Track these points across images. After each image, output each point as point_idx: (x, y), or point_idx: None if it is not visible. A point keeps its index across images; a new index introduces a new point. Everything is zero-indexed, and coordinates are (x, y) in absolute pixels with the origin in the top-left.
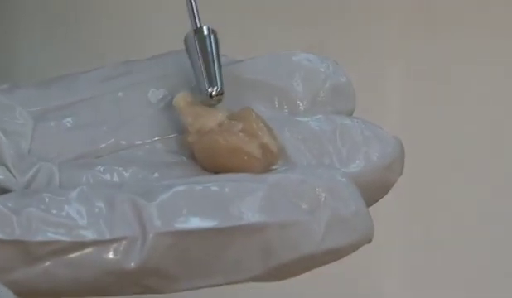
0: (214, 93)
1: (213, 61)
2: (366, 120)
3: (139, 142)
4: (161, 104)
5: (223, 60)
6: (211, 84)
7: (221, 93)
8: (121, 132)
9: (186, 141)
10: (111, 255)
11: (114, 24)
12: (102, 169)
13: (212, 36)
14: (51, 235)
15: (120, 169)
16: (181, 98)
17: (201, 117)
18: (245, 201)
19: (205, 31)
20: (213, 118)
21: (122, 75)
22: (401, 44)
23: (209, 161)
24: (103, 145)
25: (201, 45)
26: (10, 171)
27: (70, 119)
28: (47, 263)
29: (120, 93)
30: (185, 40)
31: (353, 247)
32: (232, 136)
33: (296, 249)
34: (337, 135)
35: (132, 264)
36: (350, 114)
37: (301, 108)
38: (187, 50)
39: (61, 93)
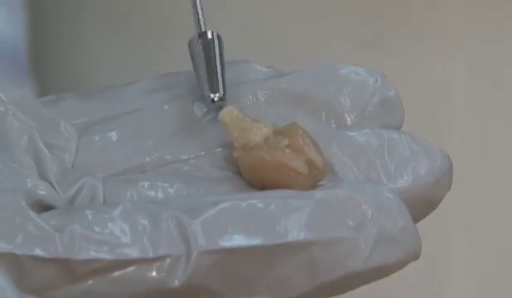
0: (215, 99)
1: (215, 66)
2: (414, 134)
3: (185, 157)
4: (206, 118)
5: (267, 71)
6: (213, 90)
7: (222, 99)
8: (166, 146)
9: (232, 157)
10: (155, 273)
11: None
12: (146, 185)
13: (216, 41)
14: (94, 253)
15: (165, 185)
16: (227, 113)
17: (247, 132)
18: (291, 218)
19: (210, 36)
20: (259, 133)
21: (166, 88)
22: (462, 35)
23: (254, 177)
24: (148, 159)
25: (205, 49)
26: (53, 187)
27: (114, 133)
28: (90, 282)
29: (165, 107)
30: (189, 45)
31: (400, 264)
32: (278, 153)
33: (342, 266)
34: (385, 150)
35: (176, 282)
36: (398, 128)
37: (349, 122)
38: (190, 54)
39: (106, 106)
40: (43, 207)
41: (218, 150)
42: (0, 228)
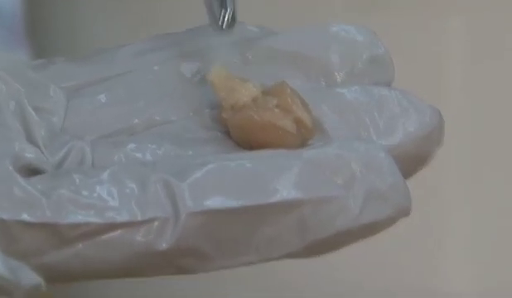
0: (225, 21)
1: None
2: (404, 90)
3: (174, 118)
4: (195, 79)
5: (257, 31)
6: (223, 9)
7: (234, 19)
8: (156, 107)
9: (221, 117)
10: (143, 236)
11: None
12: (135, 147)
13: None
14: (82, 217)
15: (153, 146)
16: (216, 73)
17: (236, 92)
18: (279, 178)
19: None
20: (247, 93)
21: (156, 50)
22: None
23: (243, 137)
24: (136, 121)
25: None
26: (41, 151)
27: (103, 95)
28: (78, 246)
29: (153, 68)
30: None
31: (391, 221)
32: (266, 112)
33: (332, 225)
34: (374, 106)
35: (164, 245)
36: (388, 85)
37: (338, 79)
38: None
39: (96, 69)
40: (31, 171)
41: (207, 110)
42: None
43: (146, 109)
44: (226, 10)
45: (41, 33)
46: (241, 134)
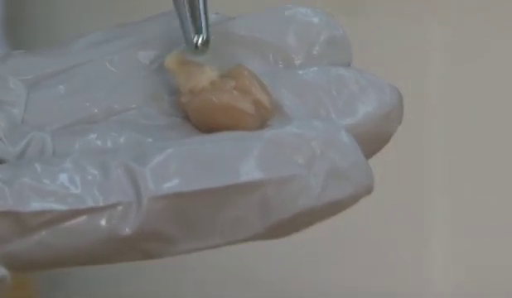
0: (199, 41)
1: (199, 9)
2: (362, 69)
3: (133, 106)
4: (153, 66)
5: (215, 17)
6: (197, 32)
7: (207, 42)
8: (114, 96)
9: (179, 102)
10: (105, 222)
11: None
12: (95, 136)
13: None
14: (45, 204)
15: (114, 134)
16: (173, 58)
17: (193, 76)
18: (240, 159)
19: None
20: (205, 77)
21: (113, 39)
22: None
23: (202, 120)
24: (96, 110)
25: None
26: (2, 142)
27: (62, 86)
28: (42, 233)
29: (111, 57)
30: None
31: (353, 199)
32: (225, 95)
33: (295, 204)
34: (332, 86)
35: (127, 229)
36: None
37: (297, 62)
38: None
39: (54, 61)
40: None
41: (166, 97)
42: None
43: (105, 98)
44: (200, 34)
45: (20, 32)
46: (200, 117)
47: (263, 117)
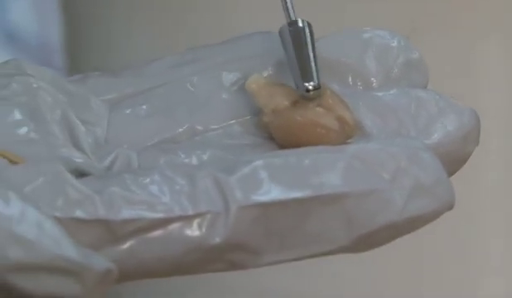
0: (310, 88)
1: (308, 55)
2: (440, 92)
3: (215, 126)
4: (234, 87)
5: None
6: (307, 79)
7: (318, 88)
8: (196, 116)
9: (262, 122)
10: (195, 230)
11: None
12: (180, 152)
13: (307, 29)
14: (134, 213)
15: (198, 152)
16: (253, 81)
17: (275, 96)
18: (325, 171)
19: (300, 24)
20: (287, 96)
21: (193, 61)
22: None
23: (286, 138)
24: (179, 130)
25: (296, 38)
26: (89, 157)
27: (144, 107)
28: (132, 242)
29: (193, 78)
30: (280, 34)
31: (435, 215)
32: (308, 112)
33: (378, 218)
34: (412, 107)
35: (217, 239)
36: (423, 88)
37: (375, 84)
38: (282, 43)
39: (134, 81)
40: (79, 176)
41: (248, 117)
42: (41, 194)
43: (187, 119)
44: (311, 80)
45: (76, 51)
46: (284, 136)
47: (347, 134)
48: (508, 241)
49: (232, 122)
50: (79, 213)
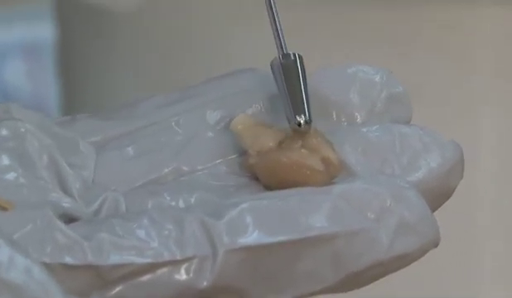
0: (302, 122)
1: (300, 89)
2: (423, 126)
3: (201, 167)
4: (219, 126)
5: None
6: (299, 113)
7: (309, 122)
8: (182, 157)
9: (248, 163)
10: (183, 275)
11: (199, 52)
12: (166, 195)
13: (299, 63)
14: (123, 258)
15: (185, 195)
16: (238, 122)
17: (260, 137)
18: (312, 213)
19: (292, 57)
20: (272, 138)
21: (179, 101)
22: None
23: (272, 179)
24: (165, 171)
25: (287, 71)
26: (77, 201)
27: (130, 148)
28: (121, 287)
29: (177, 119)
30: (272, 67)
31: (421, 252)
32: (293, 153)
33: (365, 257)
34: (396, 144)
35: (205, 283)
36: (407, 123)
37: (359, 119)
38: (274, 76)
39: (120, 123)
40: (68, 221)
41: (233, 156)
42: (30, 240)
43: (172, 160)
44: (303, 115)
45: (71, 110)
46: (270, 177)
47: (332, 174)
48: (507, 244)
49: (218, 161)
50: (68, 259)
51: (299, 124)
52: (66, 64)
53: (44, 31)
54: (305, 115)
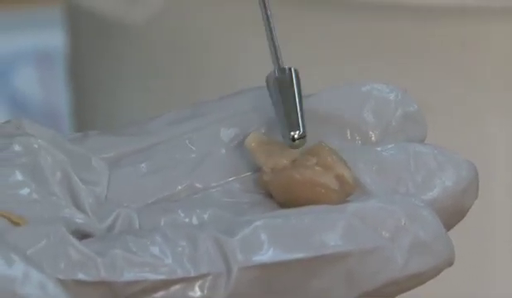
0: (296, 136)
1: (295, 103)
2: (438, 145)
3: (214, 184)
4: (233, 143)
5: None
6: (293, 128)
7: (303, 137)
8: (195, 174)
9: (262, 181)
10: (197, 292)
11: (210, 63)
12: (180, 212)
13: (294, 77)
14: (137, 274)
15: (198, 211)
16: (252, 139)
17: (274, 155)
18: (326, 231)
19: (287, 71)
20: (286, 155)
21: (192, 118)
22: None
23: (286, 197)
24: (178, 188)
25: (282, 86)
26: (90, 217)
27: (143, 165)
28: None
29: (191, 136)
30: (267, 81)
31: (435, 272)
32: (307, 171)
33: (379, 276)
34: (411, 163)
35: None
36: (421, 141)
37: (373, 138)
38: (268, 90)
39: (132, 140)
40: (81, 236)
41: (247, 174)
42: (44, 256)
43: (186, 177)
44: (297, 130)
45: (82, 118)
46: (284, 194)
47: (346, 192)
48: None
49: (231, 179)
50: (81, 276)
51: (293, 139)
52: (77, 73)
53: (55, 39)
54: (299, 129)
